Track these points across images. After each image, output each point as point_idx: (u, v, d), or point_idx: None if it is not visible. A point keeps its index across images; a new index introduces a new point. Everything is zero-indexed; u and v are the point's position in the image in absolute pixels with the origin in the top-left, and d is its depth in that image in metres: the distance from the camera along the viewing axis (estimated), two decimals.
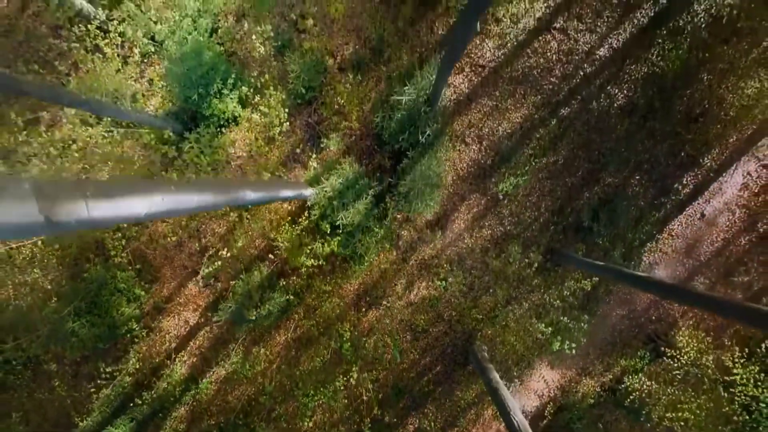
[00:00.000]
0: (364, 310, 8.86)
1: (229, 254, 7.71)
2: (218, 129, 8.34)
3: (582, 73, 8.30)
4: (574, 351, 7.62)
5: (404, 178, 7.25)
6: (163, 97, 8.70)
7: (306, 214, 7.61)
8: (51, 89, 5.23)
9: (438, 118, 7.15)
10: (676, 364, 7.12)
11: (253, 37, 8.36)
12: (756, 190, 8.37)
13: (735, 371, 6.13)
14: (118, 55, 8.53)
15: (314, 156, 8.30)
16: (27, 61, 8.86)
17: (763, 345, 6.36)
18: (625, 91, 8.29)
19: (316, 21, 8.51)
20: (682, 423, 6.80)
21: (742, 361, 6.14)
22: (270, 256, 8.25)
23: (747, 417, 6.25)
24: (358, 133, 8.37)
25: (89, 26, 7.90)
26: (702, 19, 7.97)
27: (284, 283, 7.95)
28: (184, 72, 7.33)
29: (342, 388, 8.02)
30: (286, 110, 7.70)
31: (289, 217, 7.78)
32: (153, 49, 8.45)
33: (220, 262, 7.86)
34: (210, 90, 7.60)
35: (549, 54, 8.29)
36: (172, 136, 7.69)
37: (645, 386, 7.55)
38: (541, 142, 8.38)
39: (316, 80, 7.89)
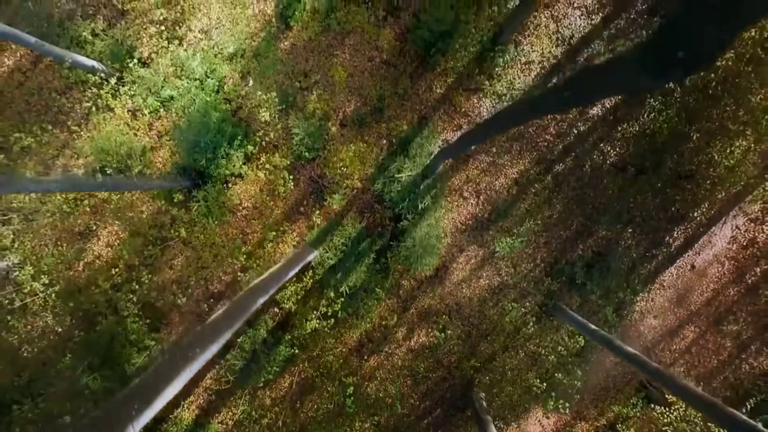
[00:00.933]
0: (365, 357, 9.16)
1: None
2: (225, 184, 8.66)
3: (576, 132, 8.60)
4: (567, 410, 7.93)
5: (404, 240, 7.56)
6: (172, 150, 9.00)
7: (310, 272, 7.92)
8: (75, 182, 5.54)
9: (436, 184, 7.45)
10: (665, 419, 7.42)
11: (258, 94, 8.68)
12: (744, 243, 8.67)
13: None
14: (128, 111, 8.87)
15: (318, 212, 8.60)
16: (39, 116, 9.16)
17: (748, 404, 6.64)
18: (618, 149, 8.59)
19: (319, 79, 8.82)
20: None
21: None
22: (275, 309, 8.56)
23: None
24: (360, 188, 8.67)
25: (101, 91, 8.22)
26: (690, 83, 8.26)
27: (289, 337, 8.25)
28: (192, 138, 7.63)
29: None
30: (291, 176, 8.02)
31: (294, 277, 8.09)
32: (162, 107, 8.73)
33: None
34: (217, 153, 7.91)
35: None
36: (180, 197, 7.99)
37: None
38: (537, 197, 8.68)
39: (319, 142, 8.19)
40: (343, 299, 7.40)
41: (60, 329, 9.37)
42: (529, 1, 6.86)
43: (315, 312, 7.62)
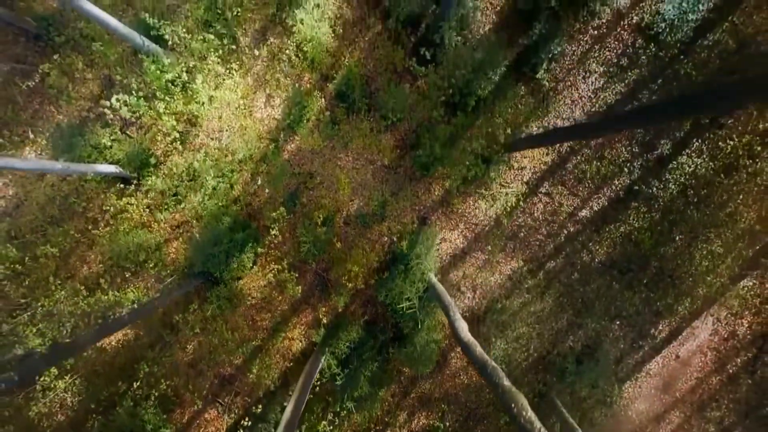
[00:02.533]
0: None
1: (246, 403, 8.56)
2: (236, 280, 9.20)
3: (566, 232, 9.14)
4: None
5: (405, 346, 8.10)
6: (184, 241, 9.50)
7: (317, 375, 8.45)
8: (108, 327, 6.08)
9: (433, 301, 7.98)
10: None
11: (266, 191, 9.24)
12: (725, 336, 9.20)
13: None
14: (144, 210, 9.40)
15: (324, 308, 9.15)
16: (61, 213, 9.61)
17: None
18: (605, 248, 9.12)
19: (324, 180, 9.36)
20: None
21: None
22: (288, 394, 9.10)
23: None
24: (363, 287, 9.19)
25: (121, 201, 8.78)
26: (672, 188, 8.82)
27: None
28: (206, 252, 8.19)
29: None
30: (299, 283, 8.56)
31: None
32: (176, 210, 9.25)
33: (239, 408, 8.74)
34: (230, 262, 8.45)
35: (536, 214, 9.13)
36: (195, 306, 8.55)
37: None
38: (529, 293, 9.22)
39: (324, 248, 8.73)
40: (347, 409, 7.93)
41: (77, 406, 9.97)
42: (520, 142, 7.41)
43: (322, 422, 8.15)
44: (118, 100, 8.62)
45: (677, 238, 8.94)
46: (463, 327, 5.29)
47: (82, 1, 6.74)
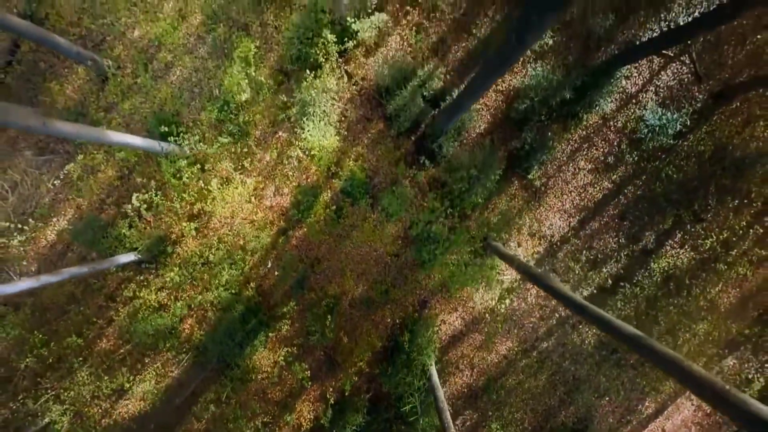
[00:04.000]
0: None
1: None
2: (248, 359, 9.80)
3: (557, 315, 9.74)
4: None
5: (406, 430, 8.71)
6: (198, 318, 10.10)
7: None
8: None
9: (431, 393, 8.59)
10: None
11: (275, 273, 9.84)
12: (708, 411, 9.80)
13: None
14: (162, 296, 10.00)
15: (330, 388, 9.74)
16: (82, 289, 10.20)
17: None
18: (594, 331, 9.72)
19: (330, 265, 9.97)
20: None
21: None
22: None
23: None
24: (368, 372, 9.79)
25: (141, 293, 9.39)
26: (657, 275, 9.42)
27: None
28: (221, 344, 8.80)
29: None
30: (307, 371, 9.15)
31: None
32: (192, 300, 9.85)
33: None
34: (244, 350, 9.07)
35: (529, 299, 9.73)
36: (212, 396, 9.15)
37: None
38: (523, 373, 9.81)
39: (331, 336, 9.34)
40: None
41: None
42: (507, 258, 7.98)
43: None
44: (138, 199, 9.28)
45: (661, 321, 9.54)
46: None
47: (108, 133, 7.34)
